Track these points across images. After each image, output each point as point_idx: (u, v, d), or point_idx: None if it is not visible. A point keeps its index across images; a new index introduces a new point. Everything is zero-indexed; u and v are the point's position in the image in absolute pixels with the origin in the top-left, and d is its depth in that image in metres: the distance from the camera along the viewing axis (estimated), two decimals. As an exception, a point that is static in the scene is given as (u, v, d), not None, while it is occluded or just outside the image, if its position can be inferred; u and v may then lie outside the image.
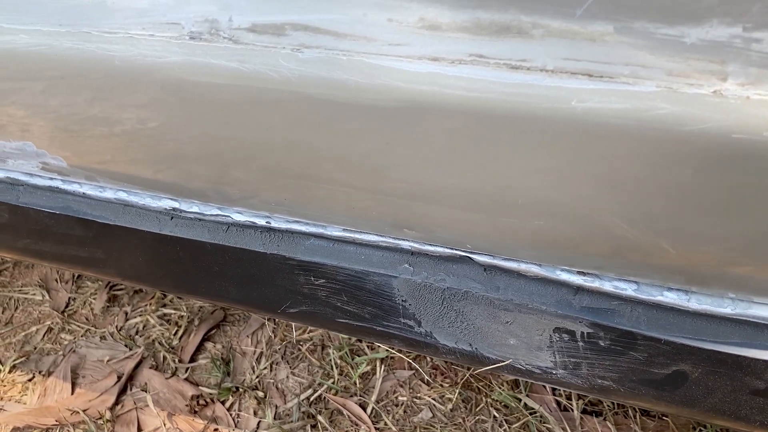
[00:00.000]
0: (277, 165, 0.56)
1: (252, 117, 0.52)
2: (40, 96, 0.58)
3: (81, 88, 0.55)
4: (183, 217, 0.72)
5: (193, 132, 0.55)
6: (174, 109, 0.53)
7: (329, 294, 0.71)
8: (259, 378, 1.28)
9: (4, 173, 0.76)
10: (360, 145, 0.51)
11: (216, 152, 0.57)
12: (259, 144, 0.54)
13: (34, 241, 0.80)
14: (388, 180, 0.53)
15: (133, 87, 0.52)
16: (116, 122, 0.57)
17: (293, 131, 0.52)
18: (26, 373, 1.31)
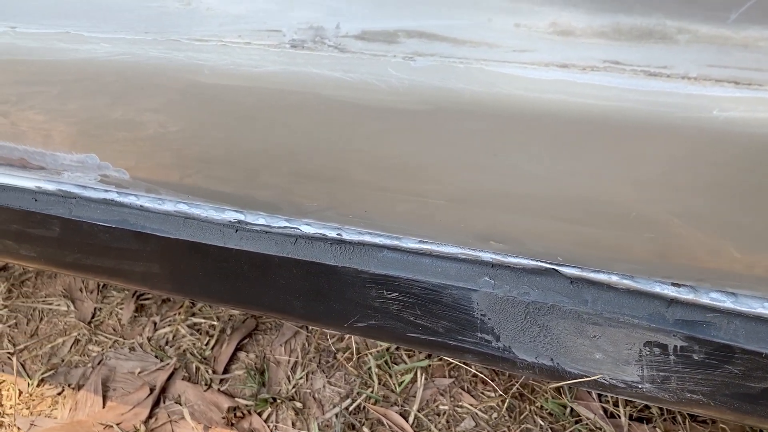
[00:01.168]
0: (368, 178, 0.53)
1: (348, 129, 0.49)
2: (110, 108, 0.55)
3: (161, 100, 0.52)
4: (248, 230, 0.69)
5: (281, 144, 0.52)
6: (264, 122, 0.50)
7: (402, 308, 0.68)
8: (295, 388, 1.25)
9: (56, 185, 0.73)
10: (463, 157, 0.48)
11: (301, 165, 0.54)
12: (349, 157, 0.52)
13: (85, 256, 0.77)
14: (488, 193, 0.50)
15: (221, 98, 0.49)
16: (194, 135, 0.54)
17: (391, 143, 0.49)
18: (55, 387, 1.28)
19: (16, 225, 0.77)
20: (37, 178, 0.73)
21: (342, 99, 0.46)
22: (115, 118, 0.55)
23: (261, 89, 0.48)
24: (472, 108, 0.44)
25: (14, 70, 0.53)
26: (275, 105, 0.48)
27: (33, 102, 0.56)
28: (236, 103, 0.49)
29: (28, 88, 0.55)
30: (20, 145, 0.64)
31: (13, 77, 0.53)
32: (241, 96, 0.49)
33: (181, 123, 0.54)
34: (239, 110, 0.50)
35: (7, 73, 0.53)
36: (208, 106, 0.51)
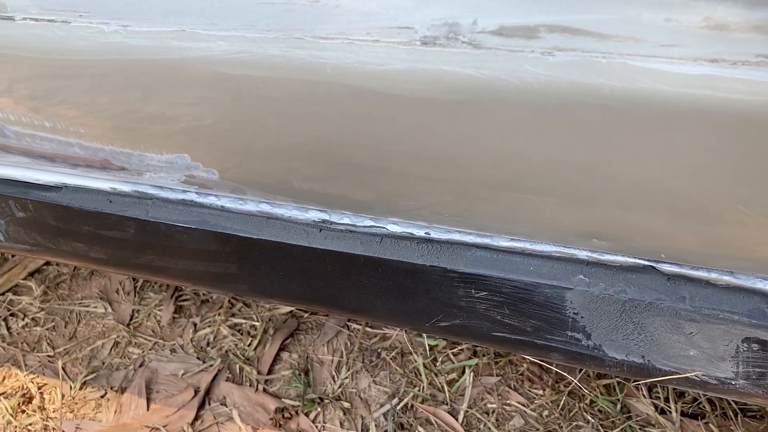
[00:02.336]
0: (487, 176, 0.53)
1: (471, 127, 0.48)
2: (214, 108, 0.54)
3: (274, 99, 0.51)
4: (333, 230, 0.68)
5: (397, 142, 0.51)
6: (385, 120, 0.50)
7: (490, 307, 0.68)
8: (341, 388, 1.24)
9: (132, 186, 0.72)
10: (591, 154, 0.47)
11: (416, 164, 0.53)
12: (470, 155, 0.51)
13: (158, 257, 0.76)
14: (610, 189, 0.50)
15: (340, 97, 0.48)
16: (302, 135, 0.53)
17: (517, 140, 0.48)
18: (97, 390, 1.26)
19: (88, 227, 0.76)
20: (112, 179, 0.72)
21: (470, 96, 0.46)
22: (218, 119, 0.54)
23: (385, 87, 0.47)
24: (610, 103, 0.44)
25: (123, 69, 0.52)
26: (399, 103, 0.48)
27: (132, 102, 0.55)
28: (356, 101, 0.49)
29: (133, 89, 0.54)
30: (107, 146, 0.63)
31: (122, 78, 0.52)
32: (363, 94, 0.48)
33: (289, 123, 0.53)
34: (359, 108, 0.49)
35: (116, 74, 0.52)
36: (324, 104, 0.50)
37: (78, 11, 0.50)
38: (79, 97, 0.57)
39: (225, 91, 0.52)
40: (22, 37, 0.52)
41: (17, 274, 1.44)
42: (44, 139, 0.64)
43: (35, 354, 1.33)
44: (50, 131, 0.62)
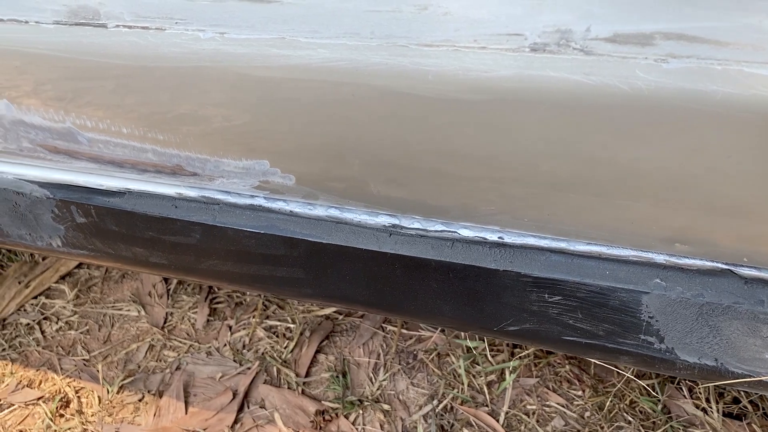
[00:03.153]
0: (574, 182, 0.53)
1: (568, 131, 0.48)
2: (304, 115, 0.54)
3: (368, 107, 0.51)
4: (403, 234, 0.68)
5: (492, 147, 0.51)
6: (487, 126, 0.49)
7: (562, 311, 0.68)
8: (380, 390, 1.24)
9: (198, 192, 0.72)
10: (693, 159, 0.47)
11: (506, 169, 0.53)
12: (560, 160, 0.51)
13: (222, 262, 0.76)
14: (706, 195, 0.50)
15: (440, 102, 0.48)
16: (395, 141, 0.53)
17: (611, 145, 0.48)
18: (135, 393, 1.26)
19: (151, 232, 0.76)
20: (179, 184, 0.72)
21: (575, 101, 0.46)
22: (306, 127, 0.54)
23: (489, 93, 0.47)
24: (721, 110, 0.44)
25: (215, 78, 0.52)
26: (500, 109, 0.47)
27: (218, 109, 0.55)
28: (455, 108, 0.49)
29: (219, 96, 0.54)
30: (184, 152, 0.63)
31: (216, 85, 0.52)
32: (463, 101, 0.48)
33: (378, 129, 0.53)
34: (457, 116, 0.49)
35: (210, 82, 0.52)
36: (420, 111, 0.50)
37: (174, 18, 0.49)
38: (163, 104, 0.56)
39: (316, 99, 0.52)
40: (112, 44, 0.52)
41: (49, 277, 1.44)
42: (118, 145, 0.64)
43: (71, 358, 1.32)
44: (126, 137, 0.62)
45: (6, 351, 1.33)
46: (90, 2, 0.50)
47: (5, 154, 0.73)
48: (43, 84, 0.58)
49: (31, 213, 0.79)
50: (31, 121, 0.64)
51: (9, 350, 1.34)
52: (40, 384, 1.28)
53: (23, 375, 1.29)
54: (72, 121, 0.62)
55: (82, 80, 0.57)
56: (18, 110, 0.62)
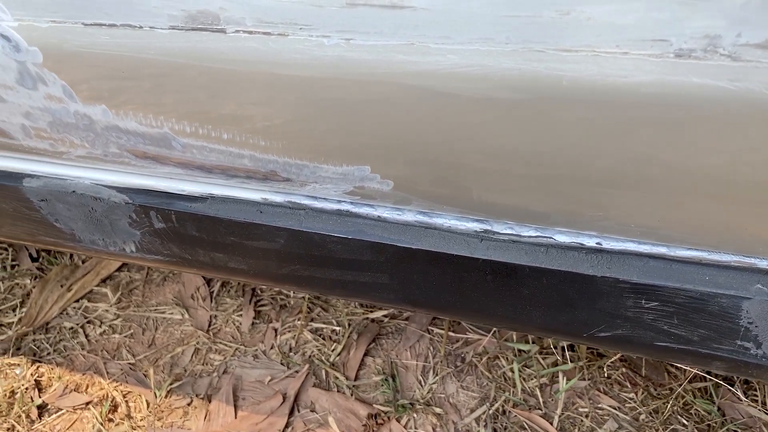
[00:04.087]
0: (696, 188, 0.52)
1: (704, 136, 0.48)
2: (422, 122, 0.53)
3: (492, 113, 0.50)
4: (495, 239, 0.67)
5: (618, 153, 0.51)
6: (605, 131, 0.49)
7: (657, 317, 0.67)
8: (430, 393, 1.24)
9: (285, 197, 0.71)
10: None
11: (625, 176, 0.53)
12: (686, 165, 0.50)
13: (304, 268, 0.75)
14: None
15: (572, 105, 0.48)
16: (512, 146, 0.53)
17: (743, 151, 0.48)
18: (183, 397, 1.25)
19: (233, 237, 0.75)
20: (265, 189, 0.71)
21: (718, 108, 0.45)
22: (422, 132, 0.54)
23: (625, 97, 0.46)
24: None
25: (334, 85, 0.51)
26: (636, 114, 0.47)
27: (333, 114, 0.54)
28: (586, 111, 0.48)
29: (339, 102, 0.53)
30: (283, 157, 0.62)
31: (333, 91, 0.51)
32: (597, 105, 0.47)
33: (502, 136, 0.52)
34: (587, 119, 0.48)
35: (328, 88, 0.51)
36: (546, 116, 0.49)
37: (299, 24, 0.49)
38: (272, 110, 0.56)
39: (435, 106, 0.51)
40: (229, 50, 0.51)
41: (90, 280, 1.43)
42: (214, 150, 0.63)
43: (116, 362, 1.31)
44: (226, 143, 0.61)
45: (51, 355, 1.33)
46: (210, 7, 0.50)
47: (87, 159, 0.72)
48: (146, 89, 0.57)
49: (106, 218, 0.79)
50: (126, 127, 0.63)
51: (54, 354, 1.33)
52: (87, 388, 1.27)
53: (70, 379, 1.28)
54: (170, 127, 0.61)
55: (189, 86, 0.56)
56: (115, 116, 0.61)
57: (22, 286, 1.45)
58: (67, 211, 0.79)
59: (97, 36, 0.54)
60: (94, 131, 0.64)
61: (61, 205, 0.79)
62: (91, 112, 0.62)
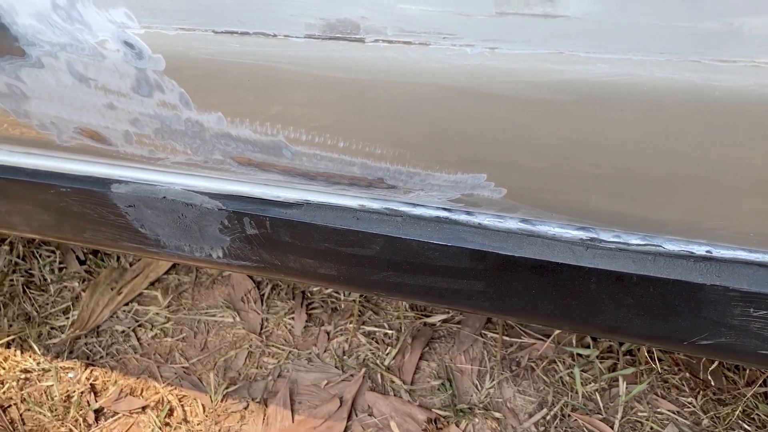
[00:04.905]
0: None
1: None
2: (555, 130, 0.53)
3: (628, 121, 0.50)
4: (602, 248, 0.67)
5: (752, 160, 0.50)
6: (748, 139, 0.48)
7: (765, 325, 0.66)
8: (488, 397, 1.23)
9: (382, 204, 0.71)
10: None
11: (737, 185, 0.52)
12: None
13: (397, 274, 0.75)
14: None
15: (722, 115, 0.47)
16: (646, 155, 0.52)
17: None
18: (239, 401, 1.25)
19: (327, 244, 0.74)
20: (362, 196, 0.71)
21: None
22: (556, 142, 0.53)
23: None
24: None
25: (473, 93, 0.51)
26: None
27: (463, 122, 0.54)
28: (739, 122, 0.47)
29: (472, 110, 0.52)
30: (396, 165, 0.61)
31: (469, 99, 0.51)
32: (755, 116, 0.47)
33: (637, 146, 0.52)
34: (737, 130, 0.48)
35: (467, 98, 0.51)
36: (692, 126, 0.49)
37: (443, 33, 0.48)
38: (398, 119, 0.55)
39: (573, 114, 0.51)
40: (365, 59, 0.51)
41: (140, 283, 1.42)
42: (324, 158, 0.63)
43: (169, 365, 1.31)
44: (340, 151, 0.61)
45: (104, 359, 1.32)
46: (351, 16, 0.49)
47: (183, 165, 0.71)
48: (267, 98, 0.57)
49: (196, 224, 0.78)
50: (238, 134, 0.62)
51: (107, 358, 1.32)
52: (141, 392, 1.27)
53: (124, 383, 1.28)
54: (285, 135, 0.61)
55: (314, 95, 0.55)
56: (229, 124, 0.61)
57: (70, 289, 1.45)
58: (155, 217, 0.79)
59: (227, 44, 0.53)
60: (202, 138, 0.64)
61: (150, 211, 0.78)
62: (204, 120, 0.61)
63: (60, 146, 0.73)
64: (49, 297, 1.43)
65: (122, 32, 0.55)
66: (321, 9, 0.50)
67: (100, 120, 0.65)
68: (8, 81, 0.62)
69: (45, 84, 0.62)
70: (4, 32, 0.58)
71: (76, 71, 0.59)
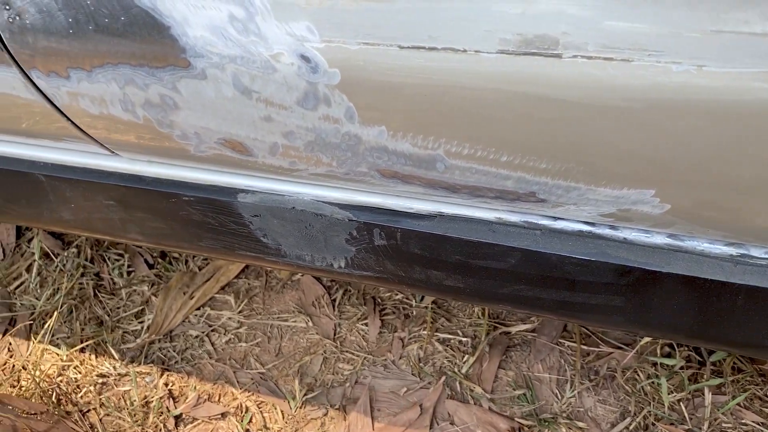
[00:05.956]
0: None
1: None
2: (743, 146, 0.52)
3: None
4: (752, 264, 0.66)
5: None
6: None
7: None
8: (570, 407, 1.22)
9: (520, 217, 0.70)
10: None
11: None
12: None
13: (530, 288, 0.74)
14: None
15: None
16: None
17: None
18: (317, 408, 1.25)
19: (458, 256, 0.74)
20: (500, 208, 0.70)
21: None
22: (735, 156, 0.52)
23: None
24: None
25: (678, 111, 0.50)
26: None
27: (654, 138, 0.53)
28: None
29: (676, 127, 0.51)
30: (556, 180, 0.61)
31: (668, 117, 0.50)
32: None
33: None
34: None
35: (666, 114, 0.50)
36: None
37: (648, 50, 0.47)
38: (587, 135, 0.54)
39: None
40: (559, 75, 0.50)
41: (211, 287, 1.42)
42: (479, 171, 0.62)
43: (246, 371, 1.31)
44: (500, 165, 0.60)
45: (179, 363, 1.32)
46: (551, 31, 0.48)
47: (319, 176, 0.71)
48: (440, 112, 0.56)
49: (322, 234, 0.78)
50: (395, 148, 0.62)
51: (182, 363, 1.32)
52: (219, 398, 1.27)
53: (201, 388, 1.28)
54: (446, 149, 0.60)
55: (496, 108, 0.54)
56: (390, 138, 0.60)
57: (140, 293, 1.45)
58: (280, 227, 0.78)
59: (411, 59, 0.52)
60: (354, 151, 0.63)
61: (276, 221, 0.78)
62: (364, 133, 0.61)
63: (192, 156, 0.72)
64: (119, 301, 1.43)
65: (300, 46, 0.54)
66: (519, 25, 0.49)
67: (250, 132, 0.65)
68: (163, 92, 0.62)
69: (202, 95, 0.61)
70: (173, 44, 0.57)
71: (240, 84, 0.59)
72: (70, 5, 0.57)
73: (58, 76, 0.64)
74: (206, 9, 0.54)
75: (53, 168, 0.82)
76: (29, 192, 0.86)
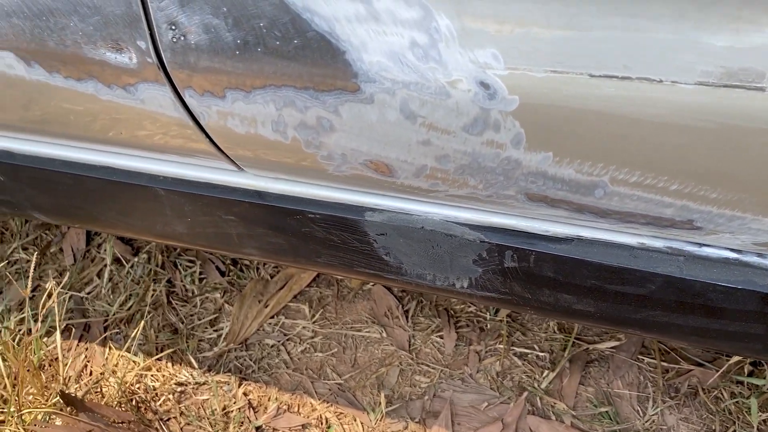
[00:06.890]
0: None
1: None
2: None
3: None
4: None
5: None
6: None
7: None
8: (653, 425, 1.21)
9: (664, 242, 0.69)
10: None
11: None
12: None
13: (666, 313, 0.73)
14: None
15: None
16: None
17: None
18: (397, 420, 1.24)
19: (593, 281, 0.73)
20: (643, 233, 0.69)
21: None
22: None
23: None
24: None
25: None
26: None
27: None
28: None
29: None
30: (721, 209, 0.59)
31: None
32: None
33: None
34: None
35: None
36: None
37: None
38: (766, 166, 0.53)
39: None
40: (757, 107, 0.49)
41: (285, 296, 1.42)
42: (640, 198, 0.61)
43: (323, 381, 1.31)
44: (668, 194, 0.59)
45: (256, 372, 1.32)
46: (758, 65, 0.47)
47: (455, 197, 0.70)
48: (621, 140, 0.55)
49: (449, 255, 0.77)
50: (556, 173, 0.61)
51: (259, 372, 1.32)
52: (298, 409, 1.27)
53: (280, 399, 1.27)
54: (611, 176, 0.59)
55: (685, 138, 0.53)
56: (554, 164, 0.60)
57: (212, 300, 1.45)
58: (406, 246, 0.78)
59: (601, 88, 0.52)
60: (508, 175, 0.63)
61: (402, 240, 0.77)
62: (526, 159, 0.60)
63: (329, 175, 0.72)
64: (192, 308, 1.43)
65: (481, 72, 0.54)
66: (724, 57, 0.48)
67: (401, 154, 0.64)
68: (322, 114, 0.62)
69: (362, 119, 0.61)
70: (345, 68, 0.57)
71: (407, 109, 0.58)
72: (241, 26, 0.57)
73: (213, 95, 0.63)
74: (387, 35, 0.54)
75: (174, 182, 0.82)
76: (146, 205, 0.86)
